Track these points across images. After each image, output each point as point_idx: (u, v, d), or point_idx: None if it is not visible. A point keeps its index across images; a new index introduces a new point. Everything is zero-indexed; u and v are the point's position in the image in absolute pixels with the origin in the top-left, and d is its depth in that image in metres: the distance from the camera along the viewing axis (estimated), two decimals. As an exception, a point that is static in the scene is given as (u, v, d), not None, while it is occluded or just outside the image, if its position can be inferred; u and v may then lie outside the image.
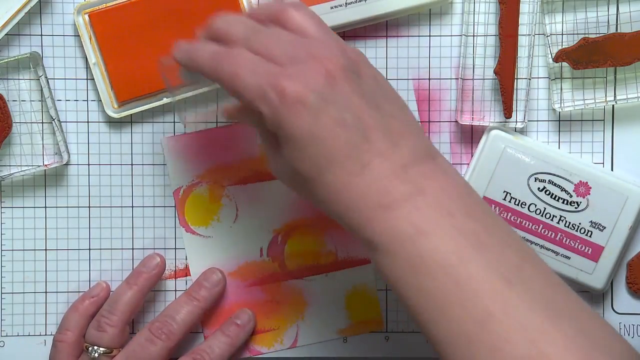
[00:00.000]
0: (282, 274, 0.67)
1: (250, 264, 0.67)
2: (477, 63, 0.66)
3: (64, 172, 0.67)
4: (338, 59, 0.52)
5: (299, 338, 0.67)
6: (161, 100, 0.65)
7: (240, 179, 0.67)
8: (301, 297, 0.67)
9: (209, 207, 0.67)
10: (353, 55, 0.53)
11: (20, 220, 0.67)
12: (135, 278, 0.65)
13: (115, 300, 0.64)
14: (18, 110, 0.66)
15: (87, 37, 0.65)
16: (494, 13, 0.65)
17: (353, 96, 0.51)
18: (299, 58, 0.52)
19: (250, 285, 0.67)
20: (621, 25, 0.65)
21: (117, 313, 0.64)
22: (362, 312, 0.67)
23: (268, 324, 0.67)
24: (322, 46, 0.52)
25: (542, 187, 0.64)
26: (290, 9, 0.54)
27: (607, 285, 0.65)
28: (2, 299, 0.67)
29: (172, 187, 0.67)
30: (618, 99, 0.65)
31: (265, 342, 0.67)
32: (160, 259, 0.66)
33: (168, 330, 0.63)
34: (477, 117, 0.66)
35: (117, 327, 0.64)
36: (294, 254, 0.67)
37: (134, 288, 0.65)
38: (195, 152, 0.66)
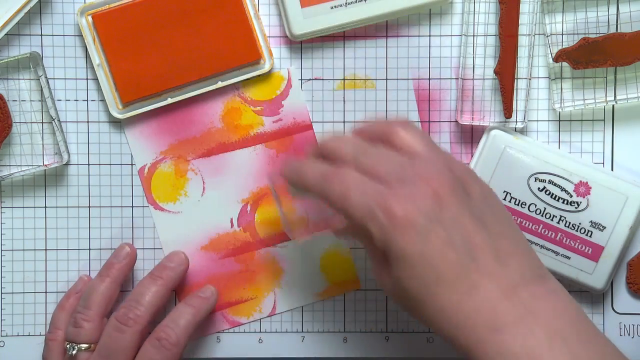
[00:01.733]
0: (255, 243, 0.67)
1: (221, 236, 0.67)
2: (477, 63, 0.66)
3: (64, 172, 0.67)
4: (446, 178, 0.52)
5: (277, 305, 0.68)
6: (165, 100, 0.65)
7: (204, 151, 0.67)
8: (276, 264, 0.67)
9: (175, 182, 0.67)
10: (460, 173, 0.54)
11: (20, 220, 0.67)
12: (106, 270, 0.65)
13: (89, 295, 0.64)
14: (18, 110, 0.66)
15: (90, 38, 0.65)
16: (494, 13, 0.65)
17: (461, 216, 0.52)
18: (407, 178, 0.52)
19: (224, 257, 0.67)
20: (621, 25, 0.65)
21: (92, 307, 0.63)
22: (337, 273, 0.67)
23: (245, 293, 0.67)
24: (429, 166, 0.53)
25: (542, 187, 0.64)
26: (399, 129, 0.55)
27: (607, 285, 0.65)
28: (2, 299, 0.67)
29: (136, 166, 0.67)
30: (618, 99, 0.65)
31: (243, 312, 0.68)
32: (130, 249, 0.66)
33: (134, 314, 0.62)
34: (477, 117, 0.66)
35: (94, 321, 0.63)
36: (264, 222, 0.67)
37: (107, 280, 0.64)
38: (156, 128, 0.66)
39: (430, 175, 0.52)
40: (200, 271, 0.67)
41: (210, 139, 0.67)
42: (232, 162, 0.67)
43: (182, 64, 0.64)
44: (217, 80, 0.65)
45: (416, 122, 0.67)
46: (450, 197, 0.52)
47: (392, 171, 0.53)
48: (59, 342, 0.65)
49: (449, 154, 0.56)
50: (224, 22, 0.64)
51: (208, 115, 0.66)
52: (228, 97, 0.66)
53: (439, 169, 0.53)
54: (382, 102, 0.67)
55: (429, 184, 0.52)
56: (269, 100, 0.66)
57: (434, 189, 0.52)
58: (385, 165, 0.53)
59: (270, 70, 0.66)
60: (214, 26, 0.64)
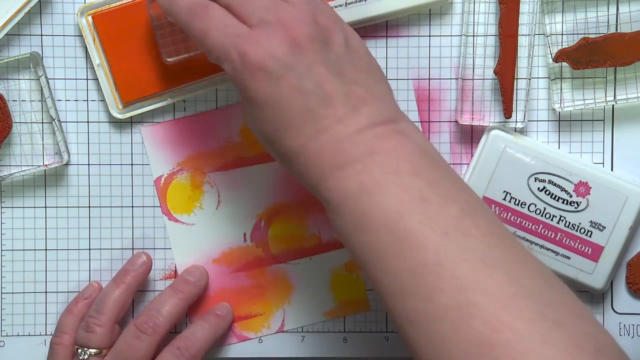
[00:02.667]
0: (267, 258, 0.67)
1: (234, 250, 0.67)
2: (477, 63, 0.66)
3: (64, 172, 0.67)
4: (306, 25, 0.53)
5: (286, 322, 0.67)
6: (165, 100, 0.65)
7: (221, 165, 0.67)
8: (286, 281, 0.67)
9: (191, 194, 0.67)
10: (324, 22, 0.54)
11: (20, 220, 0.67)
12: (122, 276, 0.65)
13: (103, 300, 0.64)
14: (18, 110, 0.66)
15: (90, 38, 0.65)
16: (494, 13, 0.65)
17: (315, 64, 0.52)
18: (269, 22, 0.53)
19: (235, 271, 0.67)
20: (621, 25, 0.65)
21: (105, 312, 0.64)
22: (347, 293, 0.67)
23: (254, 309, 0.67)
24: (294, 11, 0.53)
25: (542, 187, 0.64)
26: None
27: (607, 285, 0.65)
28: (2, 299, 0.67)
29: (152, 176, 0.67)
30: (618, 99, 0.65)
31: (252, 328, 0.68)
32: (147, 257, 0.66)
33: (154, 323, 0.63)
34: (477, 117, 0.66)
35: (106, 326, 0.63)
36: (277, 239, 0.67)
37: (121, 287, 0.65)
38: (175, 139, 0.66)
39: (291, 22, 0.53)
40: (210, 284, 0.67)
41: (228, 153, 0.67)
42: (249, 176, 0.67)
43: (182, 64, 0.64)
44: (218, 80, 0.65)
45: (416, 122, 0.67)
46: (307, 44, 0.53)
47: (257, 11, 0.53)
48: (65, 346, 0.64)
49: (320, 1, 0.56)
50: (224, 22, 0.64)
51: (227, 129, 0.66)
52: None
53: (303, 17, 0.53)
54: (382, 102, 0.66)
55: (287, 30, 0.53)
56: None
57: (291, 36, 0.52)
58: (250, 4, 0.54)
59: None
60: (214, 26, 0.64)
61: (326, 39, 0.54)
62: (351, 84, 0.53)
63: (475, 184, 0.65)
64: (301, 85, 0.52)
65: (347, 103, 0.53)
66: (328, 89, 0.52)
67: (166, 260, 0.67)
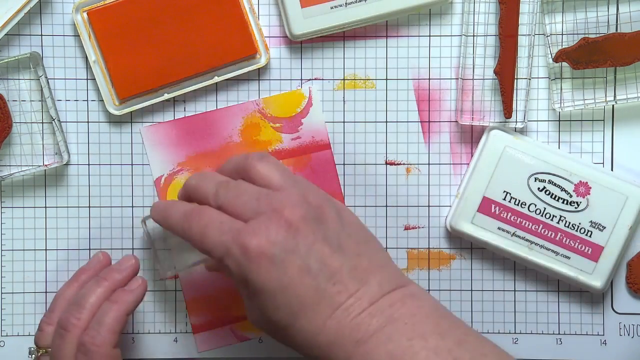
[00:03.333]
0: None
1: None
2: (477, 63, 0.66)
3: (64, 172, 0.67)
4: (298, 208, 0.54)
5: None
6: (162, 96, 0.65)
7: (221, 165, 0.66)
8: None
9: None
10: (315, 201, 0.55)
11: (20, 220, 0.67)
12: (76, 275, 0.64)
13: (55, 299, 0.63)
14: (18, 110, 0.66)
15: (86, 35, 0.65)
16: (494, 13, 0.65)
17: (315, 243, 0.54)
18: (262, 211, 0.54)
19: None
20: (621, 25, 0.65)
21: (55, 310, 0.62)
22: None
23: None
24: (283, 197, 0.55)
25: (542, 187, 0.64)
26: (255, 162, 0.57)
27: (607, 285, 0.65)
28: (2, 299, 0.67)
29: (153, 176, 0.67)
30: (618, 99, 0.65)
31: (252, 328, 0.67)
32: (104, 256, 0.64)
33: (75, 318, 0.60)
34: (477, 117, 0.66)
35: (55, 324, 0.61)
36: None
37: (74, 285, 0.63)
38: (175, 140, 0.67)
39: (283, 207, 0.54)
40: (210, 284, 0.67)
41: (228, 153, 0.67)
42: None
43: (178, 60, 0.64)
44: (214, 76, 0.65)
45: (416, 122, 0.67)
46: (303, 225, 0.54)
47: (249, 205, 0.55)
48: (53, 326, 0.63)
49: (306, 182, 0.57)
50: (220, 17, 0.64)
51: (227, 129, 0.66)
52: (248, 112, 0.66)
53: (293, 200, 0.55)
54: (382, 102, 0.67)
55: (281, 216, 0.54)
56: (288, 118, 0.66)
57: (286, 220, 0.54)
58: (242, 200, 0.55)
59: (267, 64, 0.66)
60: (210, 21, 0.64)
61: (320, 216, 0.55)
62: (354, 256, 0.54)
63: (475, 184, 0.65)
64: (307, 265, 0.53)
65: (355, 276, 0.53)
66: (334, 266, 0.53)
67: (166, 260, 0.67)
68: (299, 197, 0.55)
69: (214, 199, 0.56)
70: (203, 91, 0.66)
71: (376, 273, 0.54)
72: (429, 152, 0.67)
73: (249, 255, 0.53)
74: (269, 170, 0.57)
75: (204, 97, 0.67)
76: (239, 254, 0.53)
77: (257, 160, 0.57)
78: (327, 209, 0.55)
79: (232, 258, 0.54)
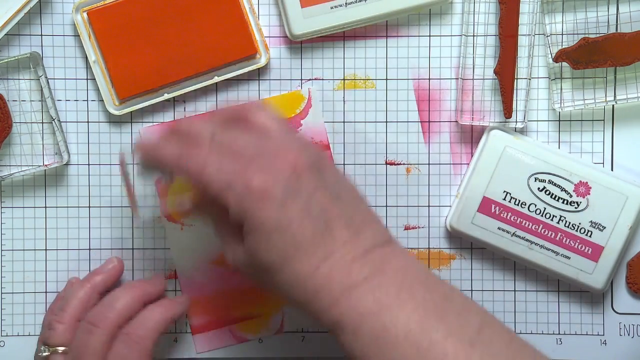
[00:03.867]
0: None
1: None
2: (477, 63, 0.66)
3: (64, 172, 0.67)
4: (302, 154, 0.54)
5: (285, 324, 0.68)
6: (162, 96, 0.65)
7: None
8: None
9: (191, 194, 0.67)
10: (314, 153, 0.55)
11: (20, 220, 0.67)
12: (89, 277, 0.65)
13: (67, 298, 0.64)
14: (18, 110, 0.66)
15: (86, 35, 0.65)
16: (494, 13, 0.65)
17: (317, 189, 0.53)
18: (265, 152, 0.53)
19: (234, 272, 0.67)
20: (621, 25, 0.65)
21: (67, 309, 0.63)
22: None
23: (253, 310, 0.67)
24: (286, 143, 0.54)
25: (542, 187, 0.64)
26: (254, 110, 0.56)
27: (607, 285, 0.65)
28: (2, 299, 0.67)
29: (153, 177, 0.67)
30: (618, 99, 0.65)
31: (251, 329, 0.68)
32: (117, 262, 0.66)
33: (104, 316, 0.61)
34: (477, 117, 0.66)
35: (67, 323, 0.62)
36: None
37: (86, 286, 0.64)
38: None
39: (288, 150, 0.53)
40: (209, 286, 0.67)
41: None
42: None
43: (178, 60, 0.64)
44: (214, 75, 0.65)
45: (416, 122, 0.67)
46: (307, 171, 0.53)
47: (250, 146, 0.54)
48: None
49: (304, 137, 0.57)
50: (220, 17, 0.64)
51: None
52: None
53: (295, 147, 0.54)
54: (382, 102, 0.67)
55: (286, 158, 0.53)
56: (288, 119, 0.66)
57: (291, 162, 0.53)
58: (242, 141, 0.54)
59: (267, 64, 0.66)
60: (210, 21, 0.64)
61: (320, 167, 0.54)
62: (350, 207, 0.54)
63: (475, 184, 0.65)
64: (309, 209, 0.52)
65: (351, 226, 0.53)
66: (332, 213, 0.53)
67: (166, 260, 0.67)
68: (300, 145, 0.54)
69: (209, 143, 0.54)
70: (203, 91, 0.66)
71: (369, 226, 0.54)
72: (429, 152, 0.67)
73: (250, 191, 0.52)
74: (268, 119, 0.55)
75: (204, 97, 0.67)
76: (242, 189, 0.52)
77: (256, 109, 0.56)
78: (325, 162, 0.55)
79: (232, 193, 0.52)
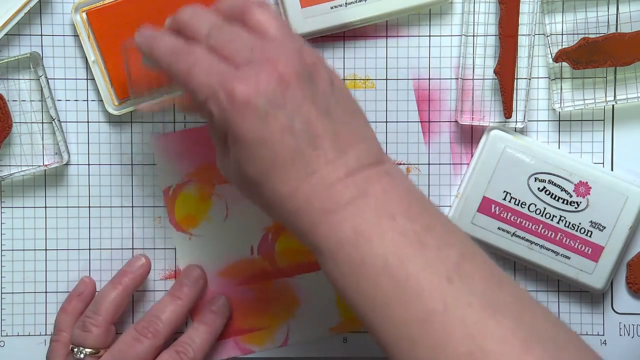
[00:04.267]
0: (273, 272, 0.67)
1: (240, 263, 0.67)
2: (477, 63, 0.66)
3: (64, 172, 0.67)
4: (293, 63, 0.52)
5: (290, 336, 0.67)
6: (161, 96, 0.65)
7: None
8: (292, 295, 0.67)
9: (199, 206, 0.67)
10: (310, 59, 0.53)
11: (20, 220, 0.67)
12: (119, 278, 0.65)
13: (99, 301, 0.64)
14: (18, 110, 0.66)
15: (85, 35, 0.65)
16: (494, 13, 0.65)
17: (304, 102, 0.51)
18: (255, 60, 0.52)
19: (241, 283, 0.67)
20: (621, 25, 0.65)
21: (102, 313, 0.64)
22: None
23: (259, 322, 0.67)
24: (279, 49, 0.52)
25: (542, 187, 0.64)
26: (254, 8, 0.54)
27: (607, 285, 0.65)
28: (2, 299, 0.67)
29: (161, 186, 0.67)
30: (618, 99, 0.65)
31: (256, 341, 0.67)
32: (146, 260, 0.66)
33: (154, 329, 0.63)
34: (477, 117, 0.66)
35: (102, 327, 0.63)
36: (284, 252, 0.67)
37: (118, 288, 0.65)
38: (185, 150, 0.66)
39: (278, 59, 0.51)
40: (212, 296, 0.67)
41: None
42: None
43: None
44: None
45: (416, 122, 0.67)
46: (295, 83, 0.51)
47: (242, 51, 0.52)
48: (63, 343, 0.65)
49: (302, 39, 0.54)
50: (219, 17, 0.64)
51: None
52: None
53: (289, 54, 0.52)
54: (382, 102, 0.66)
55: (275, 68, 0.51)
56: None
57: (279, 73, 0.51)
58: (235, 45, 0.53)
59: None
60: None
61: (312, 75, 0.52)
62: (338, 124, 0.52)
63: (475, 184, 0.65)
64: (292, 124, 0.51)
65: (336, 144, 0.51)
66: (317, 129, 0.51)
67: (166, 260, 0.67)
68: (294, 53, 0.52)
69: (205, 39, 0.53)
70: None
71: (357, 145, 0.52)
72: (429, 152, 0.67)
73: (234, 101, 0.50)
74: (267, 19, 0.54)
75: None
76: (224, 99, 0.51)
77: (257, 7, 0.54)
78: (321, 71, 0.53)
79: (216, 102, 0.51)
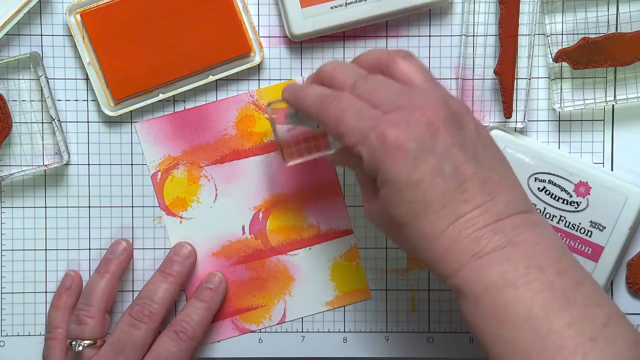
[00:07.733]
0: (266, 250, 0.67)
1: (233, 243, 0.67)
2: (477, 63, 0.66)
3: (64, 172, 0.67)
4: (441, 109, 0.53)
5: (287, 313, 0.68)
6: (157, 96, 0.65)
7: (217, 158, 0.67)
8: (286, 272, 0.67)
9: (188, 188, 0.67)
10: (456, 107, 0.54)
11: (20, 220, 0.67)
12: (105, 266, 0.65)
13: (90, 292, 0.65)
14: (18, 110, 0.66)
15: (80, 36, 0.65)
16: (494, 13, 0.65)
17: (453, 147, 0.52)
18: (403, 106, 0.53)
19: (235, 263, 0.67)
20: (621, 25, 0.65)
21: (94, 303, 0.64)
22: (348, 282, 0.68)
23: (255, 301, 0.68)
24: (426, 96, 0.53)
25: (542, 187, 0.64)
26: (399, 59, 0.56)
27: (607, 285, 0.65)
28: (2, 299, 0.67)
29: (149, 172, 0.67)
30: (618, 99, 0.65)
31: (253, 320, 0.68)
32: (127, 243, 0.66)
33: (149, 312, 0.64)
34: (477, 117, 0.66)
35: (96, 317, 0.64)
36: (276, 230, 0.67)
37: (106, 276, 0.65)
38: (170, 134, 0.67)
39: (426, 105, 0.53)
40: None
41: (224, 146, 0.67)
42: (245, 169, 0.67)
43: (172, 60, 0.64)
44: (208, 75, 0.65)
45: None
46: (443, 127, 0.52)
47: (389, 98, 0.53)
48: (59, 340, 0.65)
49: (446, 88, 0.55)
50: (213, 16, 0.64)
51: (222, 122, 0.67)
52: (242, 104, 0.66)
53: (436, 101, 0.53)
54: (382, 102, 0.66)
55: (424, 113, 0.52)
56: (283, 108, 0.66)
57: (428, 118, 0.52)
58: (382, 92, 0.54)
59: (261, 62, 0.66)
60: (203, 21, 0.64)
61: (459, 122, 0.53)
62: (486, 169, 0.53)
63: (475, 184, 0.65)
64: (441, 167, 0.52)
65: (484, 189, 0.52)
66: (466, 173, 0.52)
67: (166, 260, 0.67)
68: (441, 100, 0.53)
69: (351, 89, 0.55)
70: (203, 91, 0.66)
71: (505, 191, 0.53)
72: (429, 152, 0.67)
73: (385, 144, 0.52)
74: (413, 69, 0.55)
75: (204, 97, 0.67)
76: (376, 142, 0.52)
77: (401, 58, 0.56)
78: (467, 118, 0.54)
79: (367, 145, 0.52)
